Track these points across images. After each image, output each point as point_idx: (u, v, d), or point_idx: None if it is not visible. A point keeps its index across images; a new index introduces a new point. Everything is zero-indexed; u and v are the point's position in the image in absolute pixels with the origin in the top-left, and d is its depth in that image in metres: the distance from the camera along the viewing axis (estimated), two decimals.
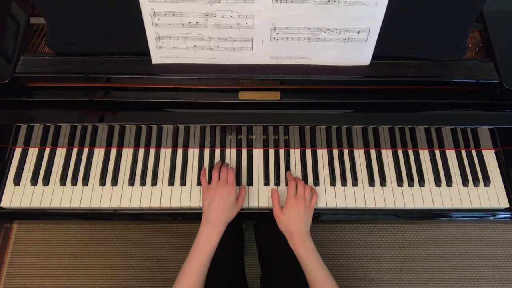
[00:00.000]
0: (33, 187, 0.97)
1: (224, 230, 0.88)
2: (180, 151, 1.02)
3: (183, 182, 0.99)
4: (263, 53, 0.87)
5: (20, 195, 0.96)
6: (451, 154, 1.04)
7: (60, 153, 1.01)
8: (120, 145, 1.02)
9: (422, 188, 1.00)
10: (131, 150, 1.02)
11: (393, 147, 1.03)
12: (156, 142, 1.01)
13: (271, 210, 0.97)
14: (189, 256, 0.86)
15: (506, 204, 0.98)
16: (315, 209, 0.96)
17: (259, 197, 0.98)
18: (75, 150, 1.01)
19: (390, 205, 0.98)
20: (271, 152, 1.03)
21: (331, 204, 0.98)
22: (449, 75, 0.92)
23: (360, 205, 0.98)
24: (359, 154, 1.03)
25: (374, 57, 0.89)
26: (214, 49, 0.87)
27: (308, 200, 0.93)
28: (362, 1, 0.79)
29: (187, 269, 0.84)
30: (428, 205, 0.98)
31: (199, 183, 0.99)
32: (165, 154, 1.02)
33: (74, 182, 0.98)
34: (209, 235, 0.87)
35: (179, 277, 0.84)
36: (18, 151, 1.00)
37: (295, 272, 1.02)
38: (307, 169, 1.01)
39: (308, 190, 0.94)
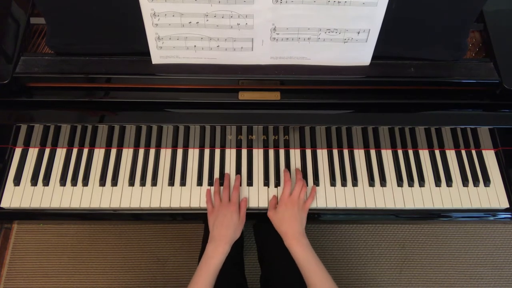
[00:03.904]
0: (33, 187, 0.97)
1: (229, 249, 0.89)
2: (180, 151, 1.02)
3: (183, 182, 0.99)
4: (263, 53, 0.87)
5: (20, 195, 0.96)
6: (451, 154, 1.04)
7: (60, 153, 1.01)
8: (120, 145, 1.02)
9: (422, 188, 1.00)
10: (131, 150, 1.02)
11: (393, 147, 1.03)
12: (156, 142, 1.01)
13: None
14: (194, 275, 0.86)
15: (506, 204, 0.98)
16: (315, 210, 0.96)
17: (259, 197, 0.98)
18: (75, 150, 1.01)
19: (390, 205, 0.98)
20: (271, 152, 1.03)
21: (331, 204, 0.98)
22: (449, 75, 0.92)
23: (360, 205, 0.98)
24: (359, 154, 1.03)
25: (374, 57, 0.89)
26: (214, 49, 0.87)
27: (302, 201, 0.93)
28: (362, 1, 0.78)
29: (192, 286, 0.84)
30: (428, 205, 0.98)
31: (199, 184, 0.99)
32: (165, 154, 1.02)
33: (74, 183, 0.98)
34: (213, 253, 0.87)
35: None
36: (18, 151, 1.00)
37: (295, 272, 1.02)
38: (307, 169, 1.01)
39: (303, 192, 0.94)
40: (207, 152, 1.03)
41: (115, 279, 1.55)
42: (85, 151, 1.01)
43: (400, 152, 1.03)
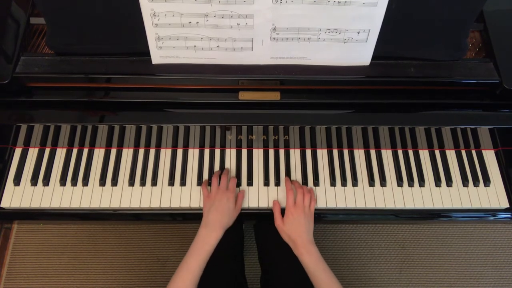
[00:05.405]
0: (33, 187, 0.97)
1: (222, 234, 0.89)
2: (180, 151, 1.02)
3: (183, 182, 0.99)
4: (263, 53, 0.87)
5: (20, 195, 0.96)
6: (451, 154, 1.04)
7: (60, 153, 1.01)
8: (120, 145, 1.02)
9: (422, 188, 1.00)
10: (131, 150, 1.02)
11: (393, 147, 1.03)
12: (156, 142, 1.01)
13: (271, 210, 0.97)
14: (186, 256, 0.86)
15: (506, 204, 0.98)
16: (315, 210, 0.96)
17: (259, 197, 0.98)
18: (75, 150, 1.01)
19: (390, 205, 0.98)
20: (271, 152, 1.03)
21: (331, 204, 0.98)
22: (449, 75, 0.92)
23: (360, 205, 0.98)
24: (359, 154, 1.03)
25: (374, 57, 0.89)
26: (214, 49, 0.87)
27: (307, 206, 0.93)
28: (362, 1, 0.78)
29: (183, 269, 0.85)
30: (428, 205, 0.98)
31: (199, 184, 0.99)
32: (165, 154, 1.02)
33: (74, 182, 0.98)
34: (206, 237, 0.87)
35: (174, 277, 0.84)
36: (18, 151, 1.00)
37: (295, 272, 1.02)
38: (307, 169, 1.01)
39: (307, 197, 0.94)
40: (207, 152, 1.03)
41: (115, 279, 1.55)
42: (85, 151, 1.01)
43: (400, 152, 1.03)
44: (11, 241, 1.60)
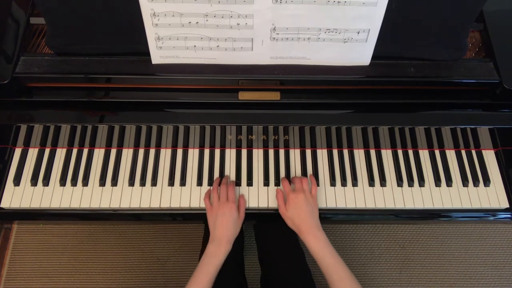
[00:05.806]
0: (33, 187, 0.97)
1: (230, 248, 0.89)
2: (180, 151, 1.02)
3: (183, 183, 0.99)
4: (263, 53, 0.87)
5: (20, 196, 0.96)
6: (451, 154, 1.04)
7: (60, 153, 1.01)
8: (120, 145, 1.02)
9: (422, 188, 1.00)
10: (131, 150, 1.02)
11: (393, 147, 1.03)
12: (156, 142, 1.01)
13: (271, 210, 0.97)
14: (195, 272, 0.87)
15: (506, 204, 0.98)
16: None
17: (259, 197, 0.98)
18: (75, 150, 1.01)
19: (390, 205, 0.98)
20: (271, 152, 1.03)
21: (331, 204, 0.98)
22: (449, 75, 0.92)
23: (360, 205, 0.98)
24: (359, 154, 1.03)
25: (374, 57, 0.89)
26: (214, 49, 0.87)
27: (308, 191, 0.93)
28: (362, 1, 0.78)
29: (192, 283, 0.85)
30: (428, 205, 0.98)
31: (199, 184, 0.99)
32: (165, 154, 1.02)
33: (74, 183, 0.98)
34: (215, 251, 0.88)
35: None
36: (18, 151, 1.00)
37: (295, 272, 1.02)
38: (307, 170, 1.01)
39: (305, 182, 0.94)
40: (207, 152, 1.03)
41: (115, 279, 1.55)
42: (85, 151, 1.01)
43: (400, 152, 1.03)
44: (11, 241, 1.60)
